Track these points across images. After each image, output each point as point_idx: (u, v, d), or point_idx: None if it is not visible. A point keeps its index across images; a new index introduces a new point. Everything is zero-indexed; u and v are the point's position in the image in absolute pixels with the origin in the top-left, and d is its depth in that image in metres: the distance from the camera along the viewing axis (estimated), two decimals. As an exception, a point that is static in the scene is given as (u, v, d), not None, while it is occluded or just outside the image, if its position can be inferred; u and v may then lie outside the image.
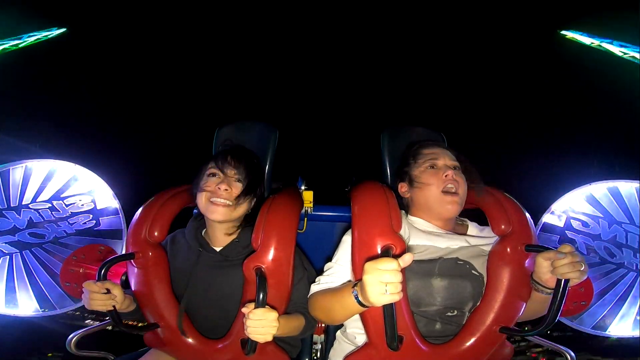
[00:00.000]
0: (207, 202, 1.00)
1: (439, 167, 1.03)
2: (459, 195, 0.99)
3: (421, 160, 1.05)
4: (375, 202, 0.92)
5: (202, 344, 0.99)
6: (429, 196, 1.01)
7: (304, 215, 1.32)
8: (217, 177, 1.02)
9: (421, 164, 1.05)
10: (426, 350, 0.88)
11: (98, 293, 0.89)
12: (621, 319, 1.19)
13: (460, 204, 0.99)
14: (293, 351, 1.11)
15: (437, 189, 1.00)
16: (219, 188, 1.00)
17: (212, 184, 1.01)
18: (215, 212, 1.00)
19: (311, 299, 0.98)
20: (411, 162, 1.08)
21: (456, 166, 1.04)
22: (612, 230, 1.22)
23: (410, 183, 1.06)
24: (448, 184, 0.99)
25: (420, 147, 1.09)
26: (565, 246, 0.82)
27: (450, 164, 1.03)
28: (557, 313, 0.81)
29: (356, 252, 0.88)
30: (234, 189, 1.02)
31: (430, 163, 1.04)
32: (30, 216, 1.24)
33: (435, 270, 0.93)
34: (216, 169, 1.03)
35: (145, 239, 1.03)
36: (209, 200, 1.00)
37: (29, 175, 1.25)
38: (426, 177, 1.02)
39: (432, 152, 1.06)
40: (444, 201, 0.98)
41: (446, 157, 1.05)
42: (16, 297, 1.21)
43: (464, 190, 1.00)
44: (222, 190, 1.00)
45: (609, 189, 1.24)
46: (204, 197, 1.01)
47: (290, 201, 1.03)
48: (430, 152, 1.06)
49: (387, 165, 1.25)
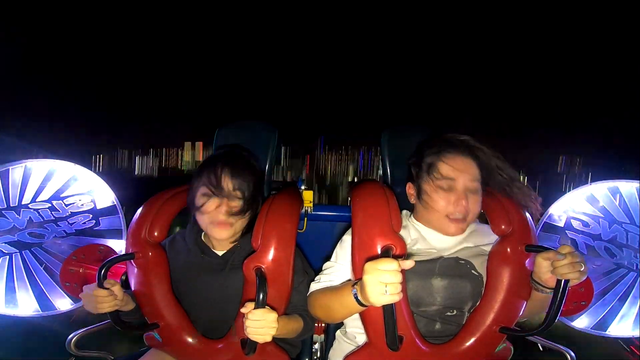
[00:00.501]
0: (208, 224, 0.99)
1: (455, 190, 0.94)
2: (467, 220, 0.95)
3: (436, 177, 0.95)
4: (375, 202, 0.92)
5: (202, 344, 0.99)
6: (432, 215, 0.97)
7: (304, 215, 1.32)
8: (214, 198, 0.97)
9: (434, 181, 0.95)
10: (426, 350, 0.88)
11: (105, 296, 0.89)
12: (621, 319, 1.19)
13: (466, 226, 0.97)
14: (293, 351, 1.11)
15: (443, 212, 0.94)
16: (218, 211, 0.97)
17: (210, 206, 0.97)
18: (219, 233, 0.99)
19: (311, 296, 0.98)
20: (424, 174, 0.98)
21: (475, 189, 0.94)
22: (613, 230, 1.22)
23: (418, 194, 1.00)
24: (457, 213, 0.93)
25: (439, 159, 0.96)
26: (565, 247, 0.82)
27: (469, 187, 0.93)
28: (557, 313, 0.81)
29: (356, 252, 0.88)
30: (234, 207, 0.98)
31: (445, 181, 0.94)
32: (29, 216, 1.24)
33: (436, 270, 0.94)
34: (211, 189, 0.97)
35: (145, 239, 1.03)
36: (209, 222, 0.98)
37: (29, 175, 1.24)
38: (436, 197, 0.95)
39: (452, 171, 0.94)
40: (447, 225, 0.95)
41: (467, 177, 0.93)
42: (16, 297, 1.21)
43: (474, 213, 0.95)
44: (222, 212, 0.97)
45: (609, 189, 1.23)
46: (205, 219, 0.98)
47: (290, 201, 1.03)
48: (450, 171, 0.94)
49: (387, 165, 1.25)
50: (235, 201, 0.98)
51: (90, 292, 0.89)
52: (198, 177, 1.00)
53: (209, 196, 0.97)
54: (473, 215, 0.95)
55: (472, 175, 0.95)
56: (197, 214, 1.00)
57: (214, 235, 1.00)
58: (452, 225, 0.95)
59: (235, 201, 0.98)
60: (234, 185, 0.98)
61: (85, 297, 0.92)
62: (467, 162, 0.96)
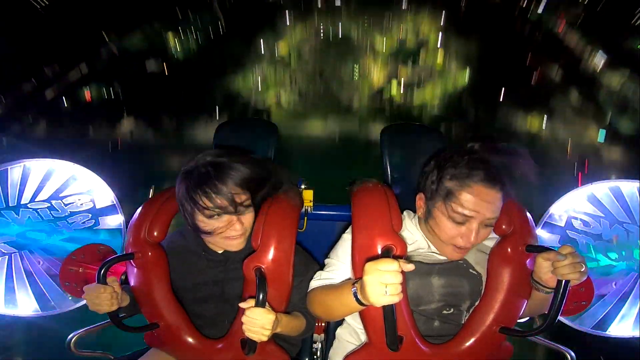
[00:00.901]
0: (221, 241, 0.95)
1: (469, 224, 0.85)
2: (469, 248, 0.89)
3: (452, 209, 0.84)
4: (376, 202, 0.91)
5: (202, 343, 0.99)
6: (436, 238, 0.92)
7: (304, 215, 1.31)
8: (220, 218, 0.89)
9: (449, 212, 0.85)
10: (426, 350, 0.88)
11: (105, 294, 0.88)
12: (622, 319, 1.19)
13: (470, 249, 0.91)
14: (293, 350, 1.11)
15: (448, 241, 0.88)
16: (231, 228, 0.91)
17: (222, 226, 0.90)
18: (235, 246, 0.96)
19: (310, 294, 0.97)
20: (438, 197, 0.88)
21: (491, 223, 0.86)
22: (614, 230, 1.21)
23: (427, 213, 0.93)
24: (463, 244, 0.87)
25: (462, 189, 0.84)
26: (565, 247, 0.82)
27: (485, 223, 0.85)
28: (558, 314, 0.81)
29: (356, 252, 0.88)
30: (246, 220, 0.93)
31: (462, 212, 0.84)
32: (29, 216, 1.23)
33: (435, 270, 0.94)
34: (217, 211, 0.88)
35: (144, 238, 1.02)
36: (223, 240, 0.94)
37: (28, 174, 1.24)
38: (444, 226, 0.87)
39: (473, 206, 0.83)
40: (450, 252, 0.91)
41: (487, 211, 0.83)
42: (15, 297, 1.21)
43: (479, 241, 0.89)
44: (235, 228, 0.92)
45: (610, 189, 1.23)
46: (217, 238, 0.93)
47: (290, 201, 1.03)
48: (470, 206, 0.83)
49: (387, 165, 1.25)
50: (247, 216, 0.94)
51: (93, 292, 0.89)
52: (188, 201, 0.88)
53: (217, 216, 0.89)
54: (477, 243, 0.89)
55: (493, 211, 0.84)
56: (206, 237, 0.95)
57: (229, 249, 0.97)
58: (455, 253, 0.90)
59: (246, 216, 0.93)
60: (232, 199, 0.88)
61: (89, 296, 0.91)
62: (491, 195, 0.83)
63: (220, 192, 0.86)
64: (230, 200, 0.88)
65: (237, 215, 0.91)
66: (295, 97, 5.35)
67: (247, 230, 0.96)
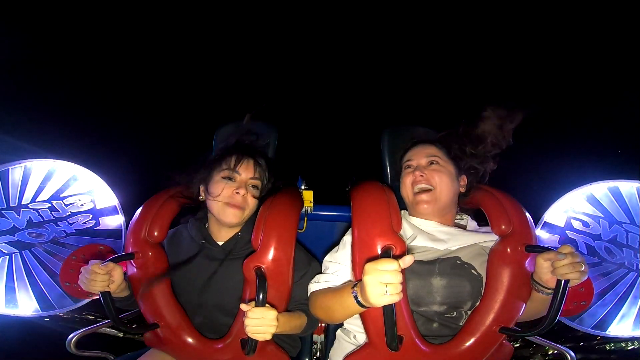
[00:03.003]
0: (222, 206, 1.01)
1: (413, 168, 1.05)
2: (435, 190, 1.00)
3: (402, 162, 1.09)
4: (375, 202, 0.92)
5: (202, 343, 0.99)
6: (406, 197, 1.05)
7: (304, 215, 1.32)
8: (233, 182, 1.02)
9: (404, 167, 1.08)
10: (426, 350, 0.88)
11: (101, 274, 0.89)
12: (621, 319, 1.19)
13: (438, 199, 1.00)
14: (293, 350, 1.11)
15: (411, 190, 1.03)
16: (237, 193, 1.01)
17: (229, 190, 1.01)
18: (231, 215, 1.01)
19: (312, 297, 0.98)
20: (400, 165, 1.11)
21: (433, 161, 1.04)
22: (613, 230, 1.21)
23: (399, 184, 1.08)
24: (417, 184, 1.01)
25: (406, 150, 1.11)
26: (565, 247, 0.82)
27: (424, 162, 1.04)
28: (557, 313, 0.81)
29: (356, 253, 0.88)
30: (250, 194, 1.03)
31: (406, 164, 1.07)
32: (29, 216, 1.24)
33: (436, 270, 0.94)
34: (231, 173, 1.03)
35: (145, 239, 1.03)
36: (224, 204, 1.01)
37: (28, 175, 1.24)
38: (403, 178, 1.06)
39: (411, 152, 1.08)
40: (417, 201, 1.01)
41: (421, 154, 1.06)
42: (16, 297, 1.21)
43: (442, 188, 1.00)
44: (240, 195, 1.01)
45: (609, 189, 1.23)
46: (219, 200, 1.01)
47: (290, 201, 1.03)
48: (410, 153, 1.08)
49: (387, 165, 1.25)
50: (252, 191, 1.04)
51: (91, 268, 0.89)
52: (217, 163, 1.04)
53: (228, 179, 1.02)
54: (440, 187, 1.00)
55: (427, 152, 1.05)
56: (210, 199, 1.02)
57: (225, 219, 1.01)
58: (419, 197, 1.00)
59: (251, 191, 1.03)
60: (254, 173, 1.04)
61: (85, 272, 0.91)
62: (423, 145, 1.08)
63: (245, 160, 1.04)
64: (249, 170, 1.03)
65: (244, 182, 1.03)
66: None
67: (247, 209, 1.03)
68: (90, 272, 0.89)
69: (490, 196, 1.02)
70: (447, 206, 1.02)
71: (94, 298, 1.13)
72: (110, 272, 0.91)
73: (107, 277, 0.90)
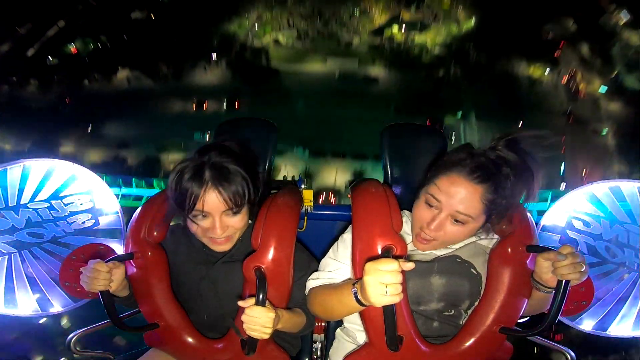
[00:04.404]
0: (207, 240, 0.95)
1: (435, 210, 0.85)
2: (437, 241, 0.89)
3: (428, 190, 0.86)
4: (376, 202, 0.91)
5: (202, 343, 0.99)
6: (412, 223, 0.94)
7: (304, 215, 1.31)
8: (207, 219, 0.90)
9: (426, 193, 0.87)
10: (426, 350, 0.88)
11: (104, 272, 0.88)
12: (622, 319, 1.19)
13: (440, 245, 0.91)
14: (293, 350, 1.11)
15: (416, 223, 0.90)
16: (213, 231, 0.90)
17: (205, 228, 0.90)
18: (219, 248, 0.96)
19: (311, 294, 0.98)
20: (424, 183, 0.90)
21: (462, 221, 0.83)
22: (614, 230, 1.21)
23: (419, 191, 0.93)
24: (423, 233, 0.88)
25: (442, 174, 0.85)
26: (565, 247, 0.82)
27: (450, 213, 0.83)
28: (558, 314, 0.81)
29: (356, 252, 0.88)
30: (231, 224, 0.92)
31: (432, 195, 0.85)
32: (28, 216, 1.23)
33: (435, 269, 0.94)
34: (200, 213, 0.88)
35: (144, 238, 1.02)
36: (208, 241, 0.95)
37: (27, 174, 1.24)
38: (417, 208, 0.89)
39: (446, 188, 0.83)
40: (416, 241, 0.92)
41: (454, 206, 0.82)
42: (15, 297, 1.21)
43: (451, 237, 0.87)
44: (219, 233, 0.91)
45: (610, 189, 1.23)
46: (202, 238, 0.95)
47: (290, 201, 1.03)
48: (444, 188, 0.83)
49: (387, 164, 1.24)
50: (233, 218, 0.92)
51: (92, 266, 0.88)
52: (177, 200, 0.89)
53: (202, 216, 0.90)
54: (446, 240, 0.88)
55: (466, 205, 0.81)
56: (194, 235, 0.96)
57: (216, 250, 0.97)
58: (419, 244, 0.91)
59: (232, 218, 0.92)
60: (222, 202, 0.88)
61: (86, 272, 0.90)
62: (467, 187, 0.81)
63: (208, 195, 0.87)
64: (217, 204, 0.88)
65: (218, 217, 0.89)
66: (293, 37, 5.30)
67: (236, 232, 0.95)
68: (92, 270, 0.88)
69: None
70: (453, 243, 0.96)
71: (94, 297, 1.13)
72: (111, 271, 0.90)
73: (108, 276, 0.89)
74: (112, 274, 0.91)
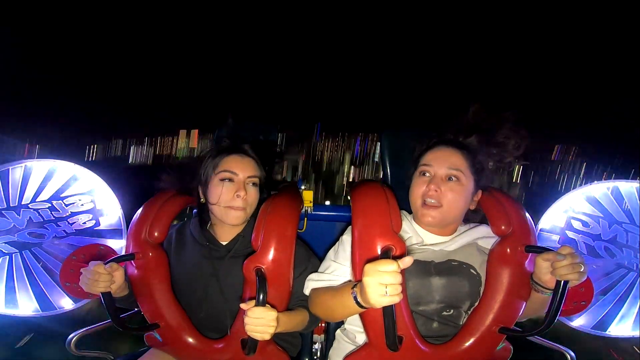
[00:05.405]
0: (224, 209, 1.00)
1: (429, 176, 0.97)
2: (442, 207, 0.94)
3: (419, 167, 1.00)
4: (375, 202, 0.92)
5: (202, 343, 0.99)
6: (412, 203, 1.00)
7: (304, 215, 1.32)
8: (231, 183, 1.00)
9: (418, 170, 1.00)
10: (426, 350, 0.89)
11: (104, 275, 0.89)
12: (621, 319, 1.19)
13: (444, 218, 0.95)
14: (293, 350, 1.11)
15: (419, 199, 0.97)
16: (237, 196, 0.99)
17: (228, 193, 0.99)
18: (233, 218, 1.01)
19: (311, 295, 0.98)
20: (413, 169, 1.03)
21: (454, 176, 0.95)
22: (613, 230, 1.21)
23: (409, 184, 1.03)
24: (427, 198, 0.95)
25: (428, 149, 1.02)
26: (565, 247, 0.82)
27: (443, 174, 0.95)
28: (557, 314, 0.81)
29: (356, 253, 0.88)
30: (250, 194, 1.02)
31: (423, 169, 0.98)
32: (29, 216, 1.23)
33: (432, 270, 0.94)
34: (230, 174, 1.01)
35: (145, 239, 1.03)
36: (226, 207, 1.00)
37: (29, 175, 1.24)
38: (414, 185, 0.99)
39: (433, 155, 0.98)
40: (423, 213, 0.96)
41: (443, 162, 0.96)
42: (16, 297, 1.21)
43: (452, 205, 0.94)
44: (241, 198, 1.00)
45: (609, 189, 1.23)
46: (221, 204, 1.00)
47: (290, 201, 1.03)
48: (431, 156, 0.98)
49: (387, 166, 1.25)
50: (252, 190, 1.02)
51: (93, 268, 0.89)
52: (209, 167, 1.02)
53: (228, 181, 1.00)
54: (450, 206, 0.94)
55: (451, 162, 0.95)
56: (214, 207, 1.01)
57: (229, 221, 1.01)
58: (426, 211, 0.95)
59: (251, 190, 1.02)
60: (250, 169, 1.03)
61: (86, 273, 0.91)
62: (449, 151, 0.98)
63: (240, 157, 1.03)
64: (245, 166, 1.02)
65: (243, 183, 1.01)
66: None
67: (250, 206, 1.02)
68: (92, 272, 0.88)
69: (490, 196, 1.02)
70: (452, 222, 1.00)
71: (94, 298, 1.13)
72: (112, 273, 0.91)
73: (109, 278, 0.90)
74: (112, 275, 0.91)
